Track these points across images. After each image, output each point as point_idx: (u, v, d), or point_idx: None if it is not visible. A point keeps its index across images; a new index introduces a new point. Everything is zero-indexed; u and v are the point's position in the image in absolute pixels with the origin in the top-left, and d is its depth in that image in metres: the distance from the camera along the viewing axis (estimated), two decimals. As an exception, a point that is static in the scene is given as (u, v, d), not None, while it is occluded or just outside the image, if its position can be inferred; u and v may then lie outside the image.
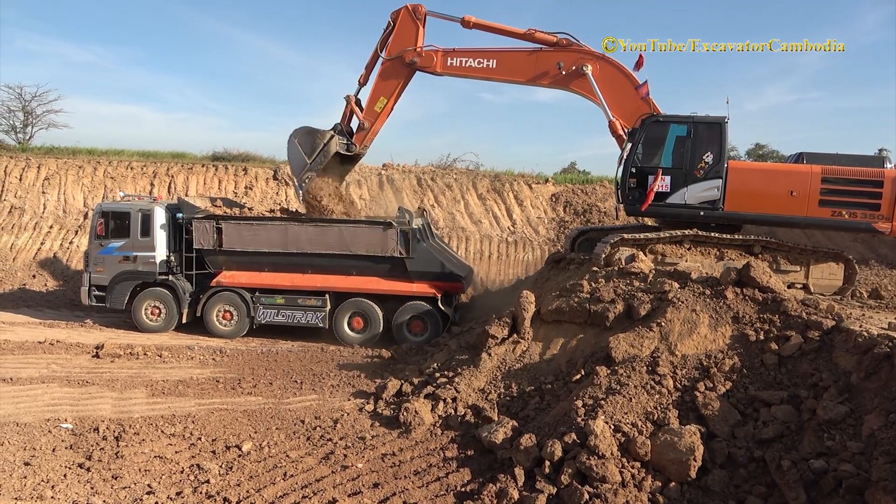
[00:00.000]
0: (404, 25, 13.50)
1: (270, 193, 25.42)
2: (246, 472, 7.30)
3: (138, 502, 6.45)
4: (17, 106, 33.46)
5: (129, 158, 26.63)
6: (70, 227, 23.04)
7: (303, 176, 14.11)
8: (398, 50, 13.54)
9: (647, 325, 8.99)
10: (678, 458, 6.59)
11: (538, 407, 8.68)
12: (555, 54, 12.95)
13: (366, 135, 14.12)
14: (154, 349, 12.78)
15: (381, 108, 13.83)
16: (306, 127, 14.19)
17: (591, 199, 26.17)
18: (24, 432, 8.20)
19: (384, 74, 13.76)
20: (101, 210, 14.97)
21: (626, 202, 12.32)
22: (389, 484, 7.10)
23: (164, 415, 9.15)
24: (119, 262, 14.67)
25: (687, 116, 12.01)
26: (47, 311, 16.74)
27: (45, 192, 24.05)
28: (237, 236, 14.17)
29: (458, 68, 13.43)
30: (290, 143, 14.16)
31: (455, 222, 24.72)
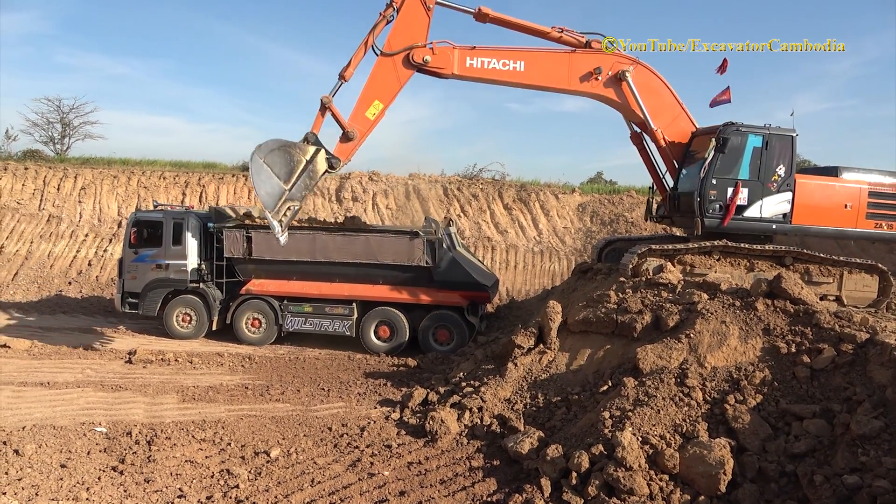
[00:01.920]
0: (411, 14, 11.03)
1: (299, 203, 25.72)
2: (274, 478, 7.39)
3: (170, 506, 6.56)
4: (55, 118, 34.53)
5: (161, 168, 27.21)
6: (105, 235, 23.59)
7: (281, 207, 10.48)
8: (402, 44, 11.04)
9: (675, 336, 8.90)
10: (708, 472, 6.51)
11: (565, 418, 8.63)
12: (591, 57, 11.67)
13: (353, 146, 11.13)
14: (185, 355, 13.00)
15: (375, 114, 11.06)
16: (276, 140, 10.52)
17: (617, 209, 26.00)
18: (60, 435, 8.40)
19: (381, 73, 11.11)
20: (134, 219, 15.32)
21: (704, 216, 11.71)
22: (415, 492, 7.12)
23: (195, 420, 9.29)
24: (152, 269, 14.97)
25: (762, 127, 11.79)
26: (82, 317, 17.14)
27: (81, 202, 24.67)
28: (266, 245, 14.38)
29: (478, 70, 11.40)
30: (254, 164, 10.30)
31: (481, 232, 24.75)
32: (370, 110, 11.07)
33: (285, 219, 10.35)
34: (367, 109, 11.06)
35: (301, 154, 10.53)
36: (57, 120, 34.55)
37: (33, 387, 10.57)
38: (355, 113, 11.09)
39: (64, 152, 33.44)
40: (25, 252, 22.47)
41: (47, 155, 31.17)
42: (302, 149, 10.59)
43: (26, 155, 29.80)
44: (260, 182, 10.28)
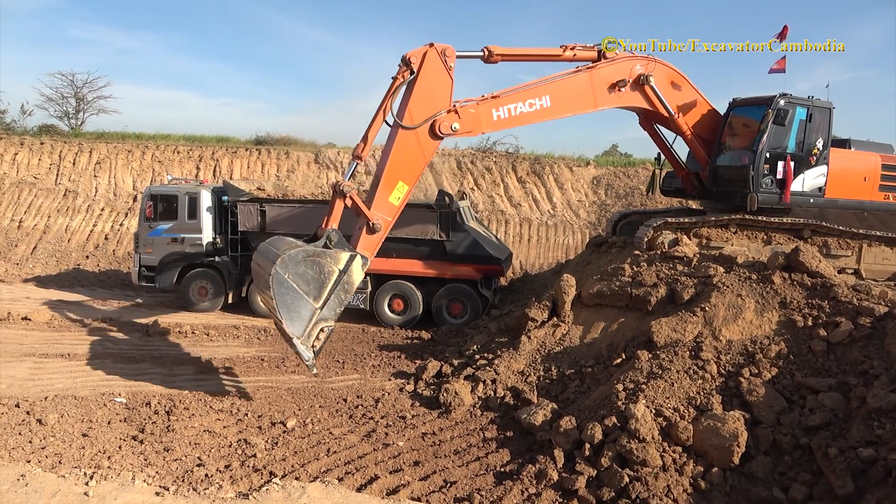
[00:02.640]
0: (433, 77, 9.37)
1: (312, 176, 25.76)
2: (291, 448, 7.50)
3: (189, 474, 6.69)
4: (69, 93, 34.63)
5: (175, 143, 27.31)
6: (120, 209, 23.79)
7: (312, 331, 8.53)
8: (425, 114, 9.31)
9: (690, 309, 8.87)
10: (721, 444, 6.52)
11: (578, 390, 8.67)
12: (611, 69, 10.89)
13: (379, 239, 9.36)
14: (201, 328, 13.16)
15: (400, 198, 9.37)
16: (303, 250, 8.55)
17: (633, 182, 25.79)
18: (82, 406, 8.57)
19: (403, 150, 9.35)
20: (149, 193, 15.41)
21: (758, 191, 11.38)
22: (430, 462, 7.20)
23: (213, 391, 9.44)
24: (167, 243, 15.09)
25: (807, 99, 11.58)
26: (100, 290, 17.37)
27: (97, 176, 24.85)
28: (280, 219, 14.43)
29: (506, 120, 10.13)
30: (277, 281, 8.24)
31: (495, 205, 24.67)
32: (394, 194, 9.30)
33: (318, 343, 8.44)
34: (391, 194, 9.28)
35: (333, 263, 8.55)
36: (71, 94, 34.67)
37: (54, 358, 10.77)
38: (378, 200, 9.25)
39: (78, 127, 33.61)
40: (43, 226, 22.74)
41: (62, 130, 31.36)
42: (334, 257, 8.59)
43: (42, 130, 29.99)
44: (284, 303, 8.18)
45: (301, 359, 8.37)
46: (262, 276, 8.71)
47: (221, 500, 5.76)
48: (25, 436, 7.48)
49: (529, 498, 6.43)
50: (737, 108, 12.16)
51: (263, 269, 8.65)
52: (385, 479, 6.71)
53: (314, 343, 8.38)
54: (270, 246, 9.08)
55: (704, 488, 6.32)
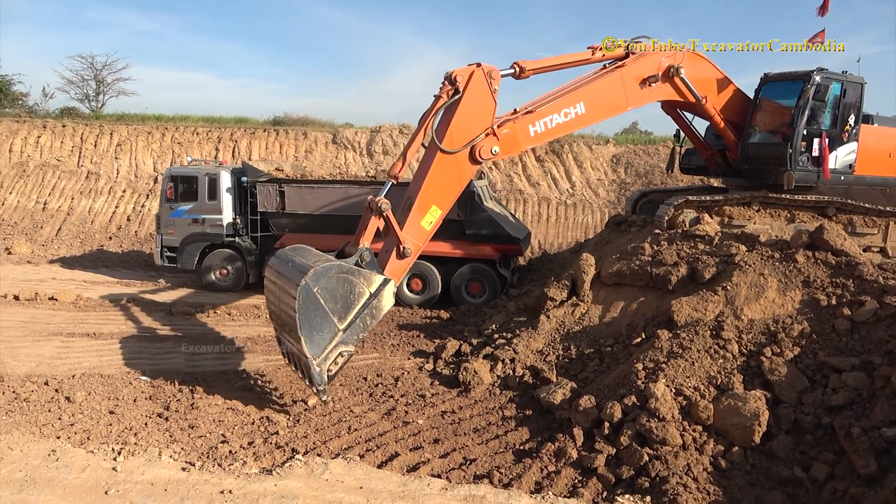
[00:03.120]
0: (477, 99, 8.76)
1: (330, 157, 25.79)
2: (312, 425, 7.61)
3: (213, 450, 6.82)
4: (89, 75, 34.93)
5: (194, 124, 27.46)
6: (142, 191, 24.05)
7: (330, 354, 7.76)
8: (466, 137, 8.77)
9: (711, 288, 8.80)
10: (742, 423, 6.50)
11: (597, 369, 8.67)
12: (639, 66, 10.45)
13: (407, 264, 8.77)
14: (223, 308, 13.33)
15: (432, 223, 8.86)
16: (337, 265, 7.81)
17: (653, 161, 25.49)
18: (108, 384, 8.75)
19: (440, 175, 8.80)
20: (170, 174, 15.54)
21: (795, 169, 11.09)
22: (449, 440, 7.27)
23: (235, 369, 9.59)
24: (188, 224, 15.24)
25: (841, 74, 11.28)
26: (123, 271, 17.64)
27: (118, 158, 25.11)
28: (298, 199, 14.49)
29: (543, 134, 9.64)
30: (304, 294, 7.48)
31: (513, 185, 24.55)
32: (426, 219, 8.81)
33: (334, 368, 7.79)
34: (424, 218, 8.79)
35: (365, 285, 7.87)
36: (91, 77, 35.00)
37: (80, 337, 10.98)
38: (410, 223, 8.66)
39: (99, 109, 33.93)
40: (67, 208, 23.08)
41: (83, 112, 31.69)
42: (367, 278, 7.92)
43: (63, 112, 30.34)
44: (307, 319, 7.47)
45: (312, 383, 7.59)
46: (281, 286, 8.03)
47: (245, 475, 5.88)
48: (55, 413, 7.67)
49: (549, 475, 6.47)
50: (769, 83, 11.87)
51: (286, 279, 7.91)
52: (405, 457, 6.79)
53: (330, 367, 7.68)
54: (293, 255, 8.37)
55: (725, 467, 6.32)
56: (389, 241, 8.61)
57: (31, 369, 9.24)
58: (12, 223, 22.41)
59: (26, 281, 15.45)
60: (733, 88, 11.83)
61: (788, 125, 11.25)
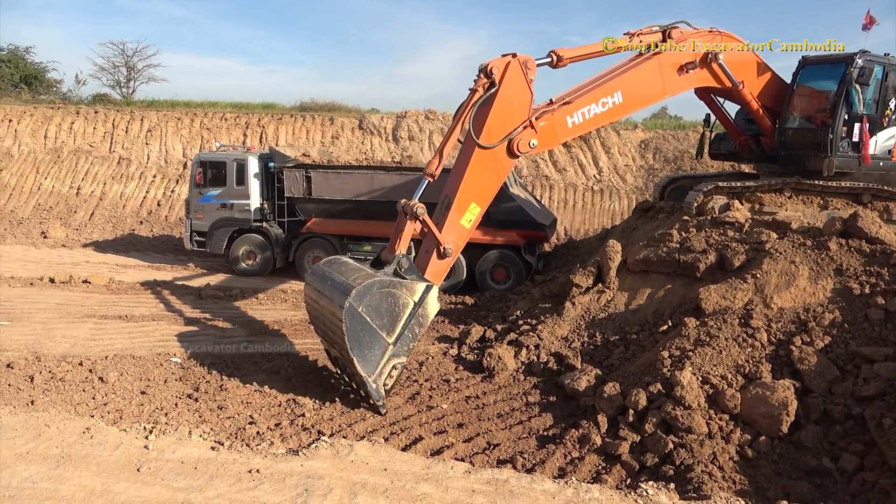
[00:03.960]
0: (513, 91, 8.53)
1: (356, 143, 25.85)
2: (338, 408, 7.72)
3: (241, 431, 6.95)
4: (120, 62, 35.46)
5: (222, 110, 27.71)
6: (171, 176, 24.40)
7: (385, 368, 7.72)
8: (503, 131, 8.55)
9: (740, 276, 8.68)
10: (770, 413, 6.43)
11: (622, 356, 8.63)
12: (676, 52, 10.11)
13: (448, 264, 8.50)
14: (251, 292, 13.53)
15: (472, 221, 8.58)
16: (378, 280, 7.62)
17: (682, 146, 25.07)
18: (139, 365, 8.96)
19: (479, 170, 8.54)
20: (199, 160, 15.74)
21: (835, 154, 10.83)
22: (473, 425, 7.31)
23: (262, 352, 9.74)
24: (217, 209, 15.44)
25: (883, 56, 10.94)
26: (154, 255, 17.97)
27: (148, 144, 25.49)
28: (325, 185, 14.58)
29: (581, 125, 9.39)
30: (350, 315, 7.41)
31: (539, 170, 24.38)
32: (466, 216, 8.55)
33: (390, 381, 7.80)
34: (463, 216, 8.54)
35: (409, 295, 7.77)
36: (122, 64, 35.53)
37: (113, 320, 11.24)
38: (450, 223, 8.41)
39: (130, 95, 34.44)
40: (100, 193, 23.54)
41: (115, 98, 32.19)
42: (410, 288, 7.78)
43: (95, 99, 30.85)
44: (357, 339, 7.49)
45: (371, 399, 7.66)
46: (324, 305, 8.06)
47: (273, 455, 5.99)
48: (89, 392, 7.88)
49: (572, 462, 6.49)
50: (808, 66, 11.54)
51: (328, 299, 7.92)
52: (429, 440, 6.85)
53: (386, 381, 7.72)
54: (331, 271, 8.26)
55: (751, 456, 6.27)
56: (429, 242, 8.41)
57: (66, 350, 9.49)
58: (48, 207, 22.95)
59: (61, 264, 15.85)
60: (770, 73, 11.55)
61: (828, 110, 10.94)
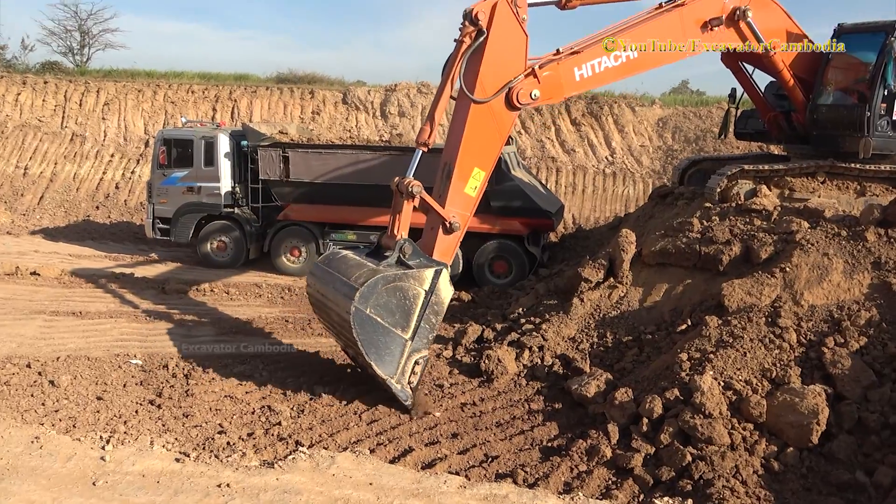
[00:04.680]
0: (505, 35, 8.35)
1: (340, 119, 25.81)
2: (318, 416, 7.74)
3: (210, 441, 6.96)
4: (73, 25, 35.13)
5: (189, 81, 27.60)
6: (131, 155, 24.31)
7: (406, 366, 7.95)
8: (499, 82, 8.39)
9: (768, 270, 8.73)
10: (798, 422, 6.49)
11: (636, 359, 8.69)
12: (701, 4, 10.01)
13: (457, 239, 8.60)
14: (221, 285, 13.53)
15: (477, 187, 8.57)
16: (382, 277, 7.73)
17: (705, 125, 25.12)
18: (95, 367, 8.96)
19: (477, 129, 8.44)
20: (162, 137, 15.68)
21: (873, 135, 10.86)
22: (469, 435, 7.35)
23: (233, 353, 9.76)
24: (183, 193, 15.40)
25: None
26: (112, 244, 17.91)
27: (105, 119, 25.35)
28: (305, 166, 14.55)
29: (590, 80, 9.33)
30: (358, 319, 7.59)
31: (544, 151, 24.40)
32: (470, 184, 8.49)
33: (415, 378, 7.99)
34: (467, 183, 8.48)
35: (417, 284, 7.88)
36: (75, 27, 35.19)
37: (65, 316, 11.23)
38: (453, 194, 8.39)
39: (84, 64, 34.20)
40: (50, 174, 23.41)
41: (67, 67, 31.95)
42: (417, 277, 7.88)
43: (45, 67, 30.60)
44: (371, 342, 7.70)
45: (399, 399, 7.92)
46: (331, 307, 8.32)
47: (245, 468, 6.01)
48: (38, 397, 7.88)
49: (579, 476, 6.53)
50: (844, 35, 11.53)
51: (333, 303, 8.18)
52: (420, 452, 6.89)
53: (410, 378, 7.94)
54: (332, 271, 8.43)
55: (777, 470, 6.33)
56: (432, 219, 8.46)
57: (11, 350, 9.47)
58: (-9, 190, 22.85)
59: (6, 254, 15.76)
60: (805, 40, 11.54)
61: (866, 83, 10.96)
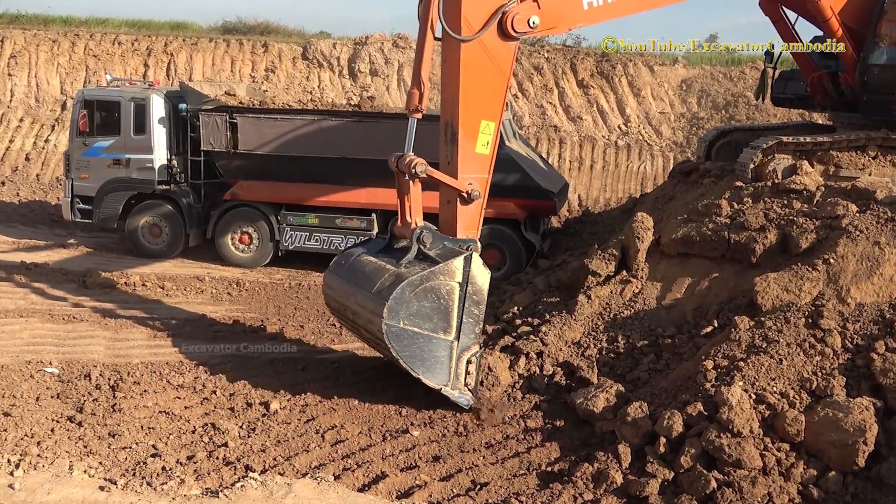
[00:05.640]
0: None
1: (299, 78, 25.69)
2: (273, 436, 7.73)
3: (141, 466, 6.94)
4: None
5: (115, 31, 27.34)
6: (45, 120, 24.06)
7: (459, 369, 8.38)
8: (487, 9, 8.15)
9: (808, 261, 8.82)
10: (842, 441, 6.57)
11: (653, 368, 8.76)
12: None
13: (480, 207, 8.65)
14: (155, 279, 13.47)
15: (490, 142, 8.50)
16: (408, 283, 7.91)
17: (736, 88, 25.29)
18: (2, 377, 8.87)
19: (472, 73, 8.28)
20: (83, 98, 15.47)
21: None
22: (454, 458, 7.38)
23: (170, 361, 9.71)
24: (108, 166, 15.24)
25: None
26: (21, 227, 17.69)
27: (13, 75, 25.04)
28: (257, 135, 14.46)
29: (601, 9, 9.06)
30: (392, 336, 7.96)
31: (546, 119, 24.44)
32: (480, 141, 8.42)
33: (471, 379, 8.38)
34: (477, 141, 8.42)
35: (448, 279, 8.12)
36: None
37: (-35, 316, 11.13)
38: (463, 159, 8.39)
39: (-14, 8, 33.70)
40: (-55, 143, 23.15)
41: (-35, 12, 31.47)
42: (446, 271, 8.10)
43: (-63, 12, 30.11)
44: (414, 356, 8.06)
45: (459, 402, 8.31)
46: (360, 325, 8.79)
47: (184, 497, 6.01)
48: (-68, 414, 7.81)
49: (584, 505, 6.60)
50: None
51: (360, 318, 8.62)
52: (395, 478, 6.90)
53: (467, 381, 8.35)
54: (349, 282, 8.85)
55: (817, 497, 6.41)
56: (447, 192, 8.63)
57: None
58: None
59: None
60: None
61: None
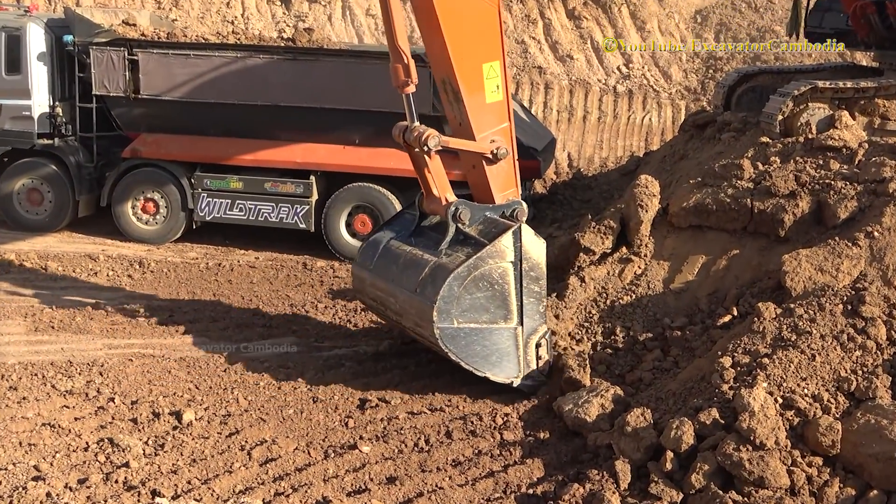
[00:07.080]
0: None
1: (217, 4, 25.37)
2: (186, 454, 7.68)
3: (20, 491, 6.86)
4: None
5: (-19, -59, 26.75)
6: None
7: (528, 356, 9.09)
8: None
9: (848, 235, 8.92)
10: (886, 453, 6.66)
11: (658, 366, 8.83)
12: None
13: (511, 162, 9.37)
14: (36, 258, 13.32)
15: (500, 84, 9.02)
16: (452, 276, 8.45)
17: (762, 21, 25.41)
18: None
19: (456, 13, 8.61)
20: (-58, 29, 15.25)
21: None
22: (412, 478, 7.37)
23: (55, 361, 9.60)
24: (-27, 116, 15.07)
25: None
26: None
27: None
28: (164, 76, 14.29)
29: None
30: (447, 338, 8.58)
31: (528, 58, 24.41)
32: (488, 87, 8.95)
33: (542, 363, 9.12)
34: (485, 90, 8.93)
35: (499, 259, 8.73)
36: None
37: None
38: (475, 115, 8.90)
39: None
40: None
41: None
42: (495, 253, 8.68)
43: None
44: (475, 355, 8.72)
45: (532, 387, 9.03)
46: (406, 327, 9.48)
47: (75, 532, 5.98)
48: None
49: (574, 535, 6.68)
50: None
51: (405, 319, 9.30)
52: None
53: (540, 367, 9.12)
54: (385, 280, 9.42)
55: (856, 522, 6.54)
56: (470, 158, 9.35)
57: None
58: None
59: None
60: None
61: None
